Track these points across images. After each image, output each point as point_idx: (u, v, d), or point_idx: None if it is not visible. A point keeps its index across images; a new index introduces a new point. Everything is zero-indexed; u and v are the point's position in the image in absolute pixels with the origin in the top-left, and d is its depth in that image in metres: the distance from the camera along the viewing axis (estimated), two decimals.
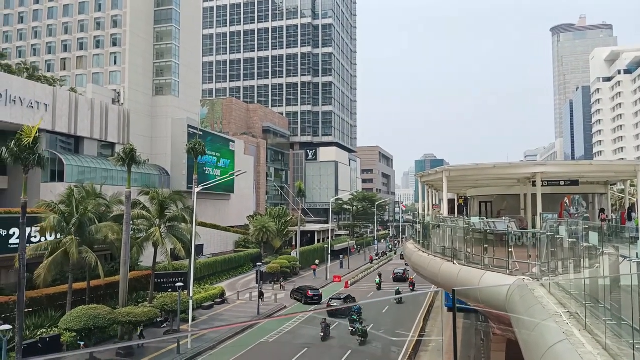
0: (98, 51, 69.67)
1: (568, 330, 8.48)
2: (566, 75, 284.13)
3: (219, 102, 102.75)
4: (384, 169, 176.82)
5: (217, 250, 69.21)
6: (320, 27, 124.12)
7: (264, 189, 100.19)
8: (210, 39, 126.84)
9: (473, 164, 24.92)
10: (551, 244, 13.89)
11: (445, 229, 21.45)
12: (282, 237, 74.64)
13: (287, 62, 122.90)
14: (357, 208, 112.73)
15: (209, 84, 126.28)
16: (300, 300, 48.78)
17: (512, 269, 15.12)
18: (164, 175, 66.51)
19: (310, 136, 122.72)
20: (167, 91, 71.17)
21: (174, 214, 39.22)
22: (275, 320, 40.95)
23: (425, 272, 22.79)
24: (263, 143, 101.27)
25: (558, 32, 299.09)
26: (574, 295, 10.38)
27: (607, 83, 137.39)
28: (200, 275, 52.44)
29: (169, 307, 35.49)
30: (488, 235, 17.17)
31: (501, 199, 30.13)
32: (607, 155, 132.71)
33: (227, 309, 44.57)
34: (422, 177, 30.64)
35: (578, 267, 11.35)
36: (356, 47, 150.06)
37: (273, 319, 41.73)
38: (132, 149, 34.67)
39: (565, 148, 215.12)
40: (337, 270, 69.60)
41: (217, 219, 73.01)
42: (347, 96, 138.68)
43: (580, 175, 25.89)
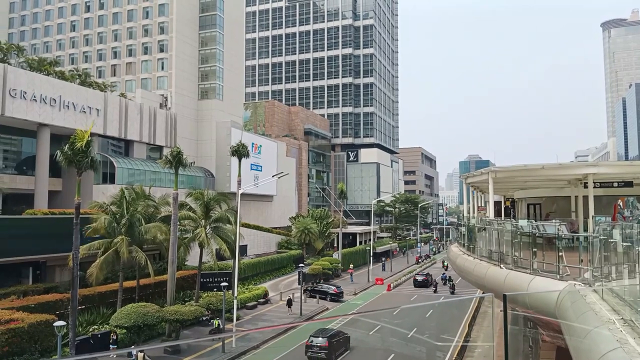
0: (146, 57, 72.08)
1: (622, 338, 8.16)
2: (618, 72, 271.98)
3: (262, 105, 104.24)
4: (427, 170, 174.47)
5: (260, 251, 70.19)
6: (361, 28, 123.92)
7: (305, 190, 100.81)
8: (252, 43, 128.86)
9: (520, 164, 24.25)
10: (604, 248, 13.37)
11: (491, 232, 20.99)
12: (323, 239, 74.91)
13: (328, 64, 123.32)
14: (400, 210, 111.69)
15: (252, 87, 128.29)
16: (325, 298, 49.47)
17: (562, 274, 14.65)
18: (209, 177, 68.04)
19: (351, 138, 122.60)
20: (211, 95, 72.80)
21: (218, 215, 40.05)
22: (318, 322, 41.10)
23: (471, 276, 22.35)
24: (304, 145, 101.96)
25: (609, 28, 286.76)
26: (628, 302, 9.97)
27: None
28: (244, 275, 53.26)
29: (214, 306, 36.23)
30: (537, 239, 16.68)
31: (551, 201, 29.18)
32: None
33: (269, 309, 45.10)
34: (467, 179, 30.06)
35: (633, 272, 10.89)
36: (397, 47, 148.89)
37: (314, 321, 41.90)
38: (178, 152, 35.64)
39: (618, 148, 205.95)
40: (379, 273, 69.20)
41: (260, 220, 74.07)
42: (388, 97, 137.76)
43: (635, 176, 24.72)
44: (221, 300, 34.79)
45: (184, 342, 31.58)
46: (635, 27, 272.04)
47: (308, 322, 41.07)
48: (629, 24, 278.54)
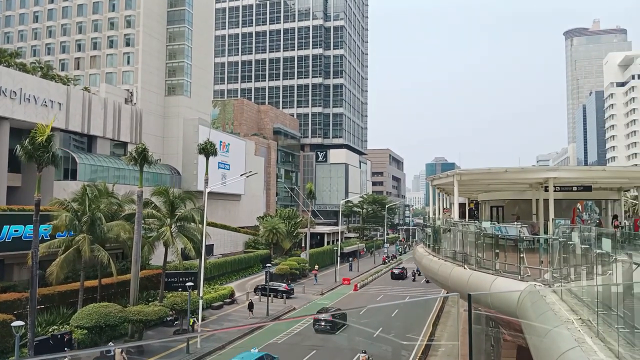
0: (111, 51, 70.38)
1: (580, 337, 8.44)
2: (579, 79, 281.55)
3: (230, 103, 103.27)
4: (395, 171, 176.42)
5: (227, 251, 69.51)
6: (331, 28, 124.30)
7: (274, 190, 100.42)
8: (222, 40, 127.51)
9: (485, 168, 24.79)
10: (563, 250, 13.81)
11: (456, 233, 21.38)
12: (291, 239, 74.79)
13: (298, 63, 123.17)
14: (367, 211, 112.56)
15: (221, 84, 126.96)
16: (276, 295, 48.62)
17: (523, 275, 15.05)
18: (175, 175, 66.96)
19: (320, 138, 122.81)
20: (179, 91, 71.68)
21: (184, 213, 39.46)
22: (285, 322, 41.03)
23: (436, 277, 22.73)
24: (273, 144, 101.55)
25: (571, 36, 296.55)
26: (586, 302, 10.32)
27: (621, 88, 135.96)
28: (210, 275, 52.66)
29: (179, 307, 35.71)
30: (499, 240, 17.09)
31: (513, 203, 29.94)
32: (621, 161, 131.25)
33: (236, 309, 44.73)
34: (433, 181, 30.55)
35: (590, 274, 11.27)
36: (367, 49, 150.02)
37: (282, 320, 41.81)
38: (144, 149, 34.96)
39: (578, 153, 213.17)
40: (346, 273, 69.55)
41: (228, 219, 73.36)
42: (357, 98, 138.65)
43: (593, 181, 25.66)
44: (186, 300, 34.31)
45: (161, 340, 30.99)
46: (597, 36, 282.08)
47: (275, 322, 40.91)
48: (590, 34, 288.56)
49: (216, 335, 34.86)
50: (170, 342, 33.11)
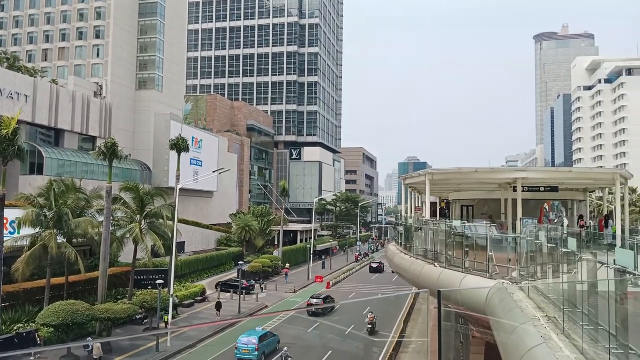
0: (81, 43, 68.65)
1: (546, 334, 8.66)
2: (548, 82, 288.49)
3: (203, 99, 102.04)
4: (368, 170, 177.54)
5: (199, 248, 68.78)
6: (306, 26, 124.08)
7: (247, 187, 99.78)
8: (195, 35, 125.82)
9: (456, 168, 25.19)
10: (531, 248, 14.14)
11: (427, 232, 21.67)
12: (264, 237, 74.46)
13: (272, 60, 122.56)
14: (341, 209, 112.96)
15: (194, 80, 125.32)
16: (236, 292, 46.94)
17: (492, 273, 15.35)
18: (145, 171, 65.85)
19: (294, 136, 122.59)
20: (150, 86, 70.47)
21: (154, 210, 38.85)
22: (257, 319, 40.83)
23: (407, 274, 22.99)
24: (247, 141, 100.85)
25: (541, 40, 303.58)
26: (552, 300, 10.59)
27: (588, 92, 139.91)
28: (181, 273, 52.03)
29: (148, 305, 35.13)
30: (469, 239, 17.39)
31: (483, 203, 30.49)
32: (587, 163, 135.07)
33: (207, 307, 44.30)
34: (406, 180, 30.88)
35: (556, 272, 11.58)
36: (342, 47, 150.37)
37: (256, 317, 41.63)
38: (113, 143, 34.27)
39: (545, 155, 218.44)
40: (319, 271, 69.65)
41: (200, 216, 72.55)
42: (332, 97, 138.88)
43: (560, 182, 26.34)
44: (156, 298, 33.82)
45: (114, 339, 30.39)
46: (565, 41, 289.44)
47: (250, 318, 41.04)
48: (559, 38, 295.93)
49: (187, 333, 34.47)
50: (139, 340, 32.54)
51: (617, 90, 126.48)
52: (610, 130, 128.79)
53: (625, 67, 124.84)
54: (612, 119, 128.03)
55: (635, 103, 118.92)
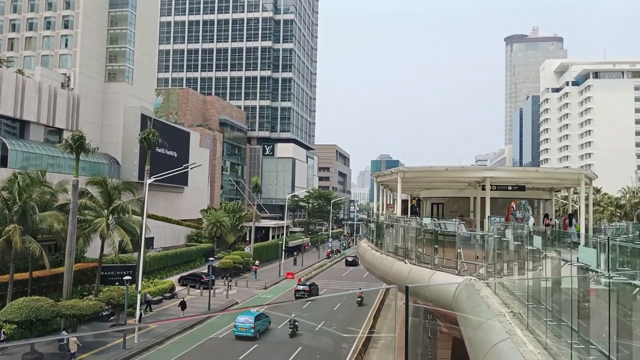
0: (48, 32, 66.63)
1: (511, 329, 8.82)
2: (517, 84, 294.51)
3: (175, 92, 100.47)
4: (341, 167, 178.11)
5: (168, 244, 67.81)
6: (281, 22, 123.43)
7: (219, 183, 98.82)
8: (167, 27, 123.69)
9: (427, 166, 25.50)
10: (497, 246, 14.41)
11: (398, 229, 21.85)
12: (236, 233, 73.93)
13: (246, 55, 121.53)
14: (313, 205, 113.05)
15: (165, 73, 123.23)
16: (195, 286, 49.72)
17: (460, 269, 15.58)
18: (114, 165, 64.47)
19: (268, 131, 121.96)
20: (120, 78, 68.99)
21: (122, 205, 38.07)
22: (227, 315, 40.55)
23: (378, 271, 23.15)
24: (219, 136, 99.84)
25: (511, 42, 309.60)
26: (517, 296, 10.80)
27: (556, 94, 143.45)
28: (150, 269, 51.21)
29: (115, 301, 34.45)
30: (438, 236, 17.61)
31: (452, 201, 30.95)
32: (553, 163, 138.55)
33: (176, 304, 43.64)
34: (378, 177, 31.08)
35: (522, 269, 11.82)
36: (317, 44, 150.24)
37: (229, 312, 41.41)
38: (81, 136, 33.45)
39: (514, 154, 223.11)
40: (291, 267, 69.58)
41: (169, 212, 71.48)
42: (306, 93, 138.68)
43: (527, 181, 26.95)
44: (123, 294, 33.19)
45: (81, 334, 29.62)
46: (535, 43, 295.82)
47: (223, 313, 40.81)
48: (529, 40, 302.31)
49: (154, 330, 33.98)
50: (105, 337, 31.87)
51: (583, 93, 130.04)
52: (576, 132, 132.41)
53: (592, 70, 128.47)
54: (579, 120, 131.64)
55: (601, 105, 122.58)
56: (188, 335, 34.50)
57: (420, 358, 28.24)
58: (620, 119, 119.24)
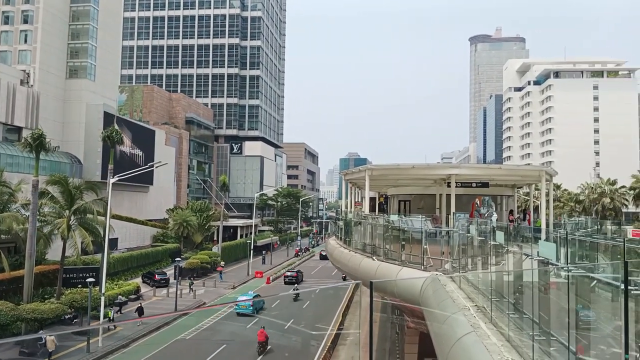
0: (7, 27, 64.14)
1: (475, 323, 9.00)
2: (481, 83, 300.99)
3: (139, 89, 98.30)
4: (310, 165, 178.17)
5: (133, 245, 66.40)
6: (249, 19, 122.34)
7: (185, 181, 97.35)
8: (131, 23, 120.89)
9: (394, 164, 25.76)
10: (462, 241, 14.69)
11: (366, 226, 22.01)
12: (203, 232, 73.03)
13: (213, 52, 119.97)
14: (282, 204, 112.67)
15: (129, 69, 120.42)
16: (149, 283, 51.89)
17: (426, 265, 15.82)
18: (75, 164, 62.66)
19: (235, 129, 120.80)
20: (82, 74, 67.06)
21: (85, 205, 37.02)
22: (194, 316, 40.04)
23: (346, 268, 23.28)
24: (186, 134, 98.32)
25: (476, 42, 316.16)
26: (481, 290, 11.04)
27: (518, 93, 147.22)
28: (114, 270, 50.06)
29: (78, 304, 33.54)
30: (405, 233, 17.82)
31: (419, 198, 31.39)
32: (515, 160, 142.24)
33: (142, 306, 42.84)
34: (346, 175, 31.23)
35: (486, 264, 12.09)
36: (285, 42, 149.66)
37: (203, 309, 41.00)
38: (41, 134, 32.37)
39: (478, 152, 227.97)
40: (260, 266, 69.27)
41: (134, 211, 69.96)
42: (274, 91, 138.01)
43: (491, 178, 27.58)
44: (86, 297, 32.34)
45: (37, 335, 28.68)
46: (498, 43, 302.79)
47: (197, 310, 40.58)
48: (493, 40, 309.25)
49: (119, 332, 33.25)
50: (69, 340, 30.97)
51: (544, 92, 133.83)
52: (537, 130, 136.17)
53: (553, 70, 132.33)
54: (540, 119, 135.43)
55: (561, 104, 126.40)
56: (154, 337, 33.91)
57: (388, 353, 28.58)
58: (580, 117, 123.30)
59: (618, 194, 70.45)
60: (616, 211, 69.43)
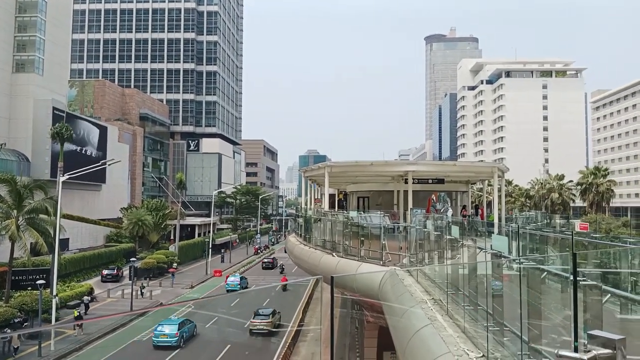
0: None
1: (432, 315, 9.24)
2: (437, 82, 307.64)
3: (90, 84, 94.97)
4: (269, 162, 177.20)
5: (85, 245, 64.24)
6: (205, 13, 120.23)
7: (140, 179, 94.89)
8: (82, 15, 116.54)
9: (353, 161, 26.03)
10: (419, 236, 15.02)
11: (325, 223, 22.14)
12: (159, 231, 71.47)
13: (168, 46, 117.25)
14: (241, 201, 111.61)
15: (79, 63, 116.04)
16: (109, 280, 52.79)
17: (385, 260, 16.07)
18: (23, 162, 59.96)
19: (192, 126, 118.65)
20: (29, 68, 64.19)
21: (34, 204, 35.56)
22: (151, 317, 39.17)
23: (306, 265, 23.34)
24: (140, 131, 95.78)
25: (431, 42, 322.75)
26: (437, 284, 11.33)
27: (471, 91, 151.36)
28: (66, 272, 48.32)
29: (28, 307, 32.22)
30: (364, 229, 18.05)
31: (377, 194, 31.83)
32: (469, 157, 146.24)
33: (95, 308, 41.61)
34: (306, 172, 31.29)
35: (442, 258, 12.41)
36: (242, 38, 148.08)
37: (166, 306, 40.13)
38: None
39: (434, 149, 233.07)
40: (218, 265, 68.45)
41: (86, 211, 67.65)
42: (232, 87, 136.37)
43: (446, 175, 28.28)
44: (37, 299, 31.09)
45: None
46: (453, 43, 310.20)
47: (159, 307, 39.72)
48: (447, 40, 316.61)
49: (72, 336, 32.12)
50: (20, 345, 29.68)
51: (496, 91, 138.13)
52: (490, 127, 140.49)
53: (505, 69, 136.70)
54: (492, 117, 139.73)
55: (512, 103, 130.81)
56: (109, 339, 32.97)
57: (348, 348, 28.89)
58: (530, 115, 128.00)
59: (566, 189, 73.60)
60: (564, 206, 72.51)
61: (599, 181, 67.46)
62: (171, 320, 32.02)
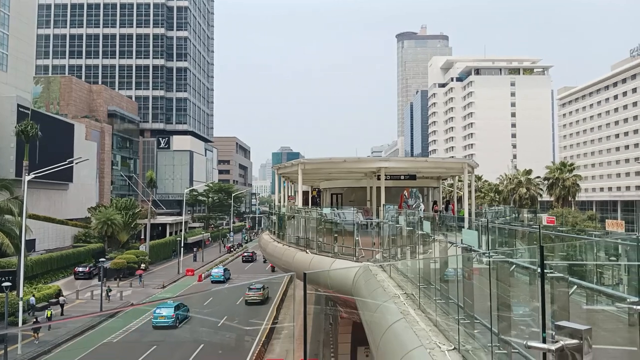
0: None
1: (405, 310, 9.33)
2: (408, 79, 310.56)
3: (56, 81, 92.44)
4: (241, 160, 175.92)
5: (52, 246, 62.56)
6: (174, 8, 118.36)
7: (108, 178, 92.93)
8: (47, 10, 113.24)
9: (326, 157, 26.05)
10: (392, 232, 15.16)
11: (299, 220, 22.12)
12: (129, 231, 70.16)
13: (137, 42, 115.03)
14: (213, 199, 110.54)
15: (45, 59, 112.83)
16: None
17: (358, 256, 16.16)
18: None
19: (162, 123, 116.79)
20: None
21: (1, 204, 34.45)
22: (122, 318, 38.48)
23: (280, 262, 23.29)
24: (108, 128, 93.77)
25: (402, 39, 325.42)
26: (410, 278, 11.46)
27: (442, 89, 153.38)
28: (32, 273, 47.01)
29: None
30: (338, 225, 18.11)
31: (350, 191, 31.97)
32: (440, 154, 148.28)
33: (64, 309, 40.61)
34: (279, 169, 31.17)
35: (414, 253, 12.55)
36: (214, 33, 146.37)
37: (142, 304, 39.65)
38: None
39: (406, 145, 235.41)
40: (191, 264, 67.68)
41: (52, 211, 65.90)
42: (203, 84, 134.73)
43: (418, 171, 28.60)
44: (2, 302, 30.14)
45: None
46: (424, 40, 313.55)
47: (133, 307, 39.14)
48: (418, 38, 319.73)
49: (40, 339, 31.29)
50: None
51: (466, 88, 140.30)
52: (460, 124, 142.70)
53: (474, 67, 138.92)
54: (462, 113, 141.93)
55: (482, 100, 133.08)
56: (79, 341, 32.26)
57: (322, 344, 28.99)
58: (498, 112, 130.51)
59: (533, 184, 75.36)
60: (532, 200, 74.21)
61: (565, 176, 69.27)
62: (168, 304, 34.74)
